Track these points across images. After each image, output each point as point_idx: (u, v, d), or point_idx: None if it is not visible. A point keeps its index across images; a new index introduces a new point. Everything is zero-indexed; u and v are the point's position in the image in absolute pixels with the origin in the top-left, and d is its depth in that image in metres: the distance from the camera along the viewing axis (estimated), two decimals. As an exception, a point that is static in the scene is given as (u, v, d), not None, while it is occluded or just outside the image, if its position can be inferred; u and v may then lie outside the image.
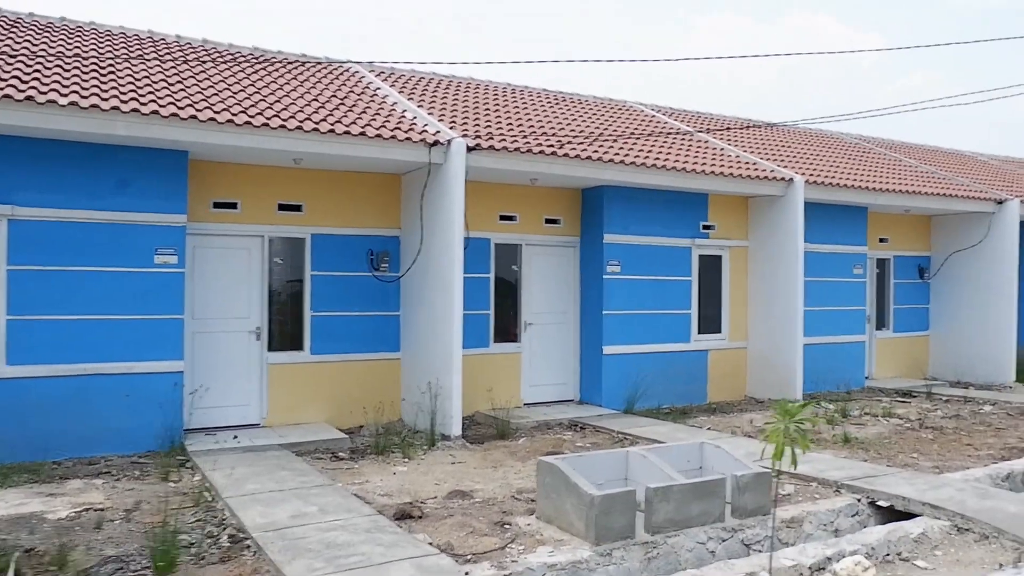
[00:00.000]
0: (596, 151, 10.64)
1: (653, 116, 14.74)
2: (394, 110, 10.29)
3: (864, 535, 5.70)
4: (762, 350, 12.63)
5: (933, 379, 15.49)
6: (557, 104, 13.71)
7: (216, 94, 8.92)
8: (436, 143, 9.15)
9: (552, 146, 10.15)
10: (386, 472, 7.87)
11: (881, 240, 15.25)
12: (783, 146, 15.10)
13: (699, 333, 12.41)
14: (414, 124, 9.75)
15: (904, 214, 15.14)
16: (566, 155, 10.05)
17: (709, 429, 10.11)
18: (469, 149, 9.32)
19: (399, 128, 9.28)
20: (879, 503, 6.59)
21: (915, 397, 13.26)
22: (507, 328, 11.45)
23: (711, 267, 12.63)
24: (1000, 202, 14.81)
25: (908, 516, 6.31)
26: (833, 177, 13.06)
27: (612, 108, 14.60)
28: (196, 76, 9.55)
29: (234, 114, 8.26)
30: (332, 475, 7.52)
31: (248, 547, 5.38)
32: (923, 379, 15.40)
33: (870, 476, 7.17)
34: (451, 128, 9.90)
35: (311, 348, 9.96)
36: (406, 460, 8.42)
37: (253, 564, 5.05)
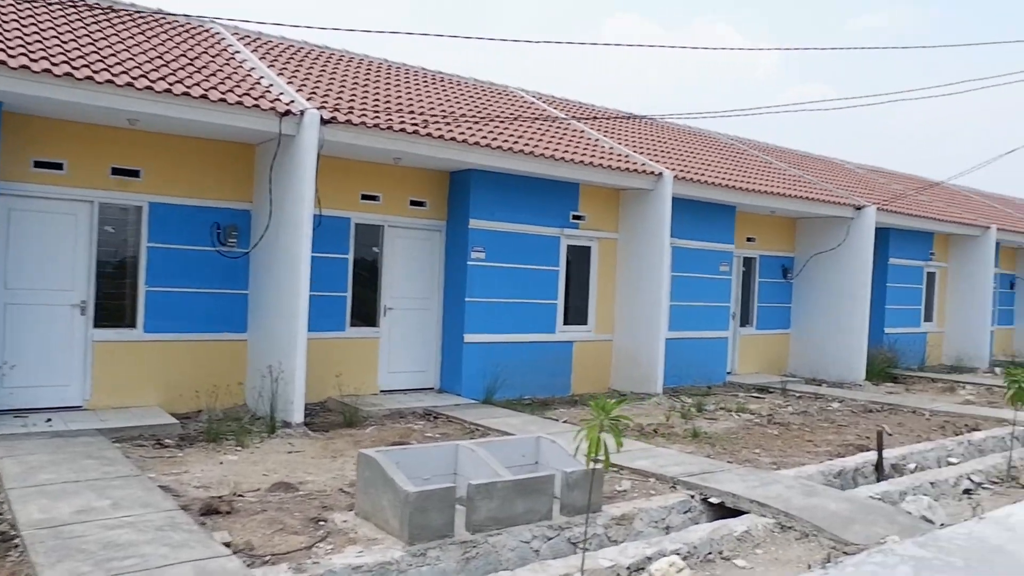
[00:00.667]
0: (462, 133, 10.30)
1: (532, 103, 14.54)
2: (250, 76, 9.65)
3: (688, 533, 5.61)
4: (626, 343, 12.65)
5: (792, 376, 16.02)
6: (432, 83, 13.29)
7: (40, 40, 8.06)
8: (288, 113, 8.59)
9: (415, 125, 9.75)
10: (212, 462, 7.33)
11: (749, 239, 15.59)
12: (658, 141, 15.21)
13: (565, 324, 12.32)
14: (268, 92, 9.15)
15: (770, 215, 15.52)
16: (429, 135, 9.67)
17: (564, 422, 9.99)
18: (324, 122, 8.81)
19: (248, 95, 8.66)
20: (711, 500, 6.57)
21: (770, 393, 13.62)
22: (366, 312, 11.00)
23: (580, 258, 12.55)
24: (858, 208, 15.39)
25: (738, 513, 6.30)
26: (702, 174, 13.19)
27: (490, 91, 14.31)
28: (21, 19, 8.64)
29: (54, 63, 7.47)
30: (146, 465, 6.93)
31: (16, 547, 4.79)
32: (783, 376, 15.91)
33: (708, 472, 7.16)
34: (309, 99, 9.35)
35: (145, 326, 9.22)
36: (239, 448, 7.89)
37: (12, 568, 4.48)
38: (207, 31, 11.31)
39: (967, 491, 7.69)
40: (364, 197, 10.73)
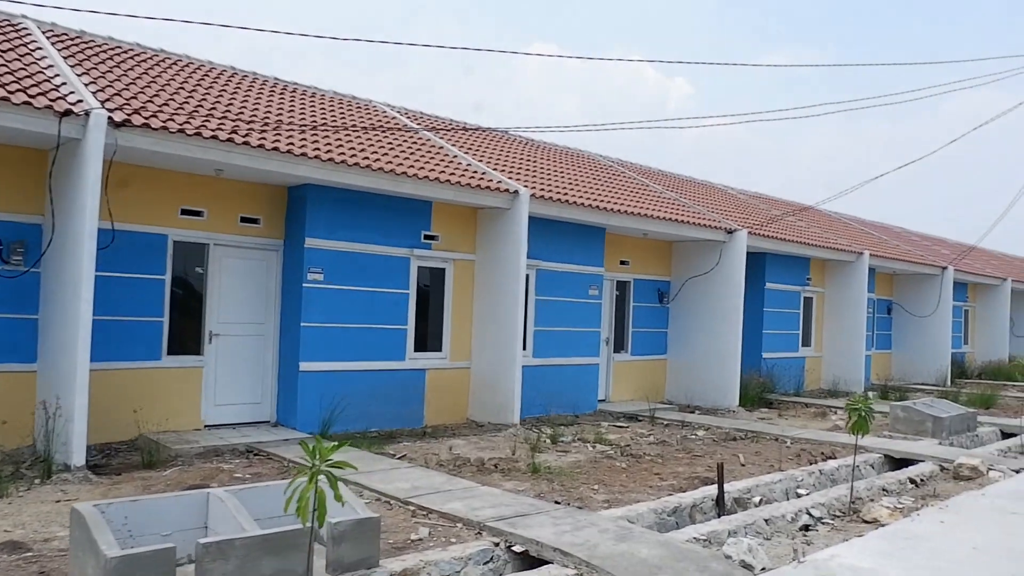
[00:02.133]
0: (290, 143, 9.47)
1: (394, 117, 13.83)
2: (43, 74, 8.61)
3: (467, 593, 4.88)
4: (484, 371, 11.96)
5: (669, 403, 15.64)
6: (276, 93, 12.41)
7: None
8: (68, 113, 7.60)
9: (231, 132, 8.86)
10: (-52, 515, 6.22)
11: (622, 263, 15.20)
12: (525, 159, 14.71)
13: (416, 351, 11.54)
14: (57, 91, 8.13)
15: (643, 238, 15.18)
16: (247, 144, 8.80)
17: (402, 458, 9.18)
18: (117, 124, 7.85)
19: (23, 91, 7.64)
20: (515, 548, 5.86)
21: (639, 421, 13.14)
22: (188, 339, 9.97)
23: (435, 280, 11.83)
24: (730, 231, 15.20)
25: (543, 562, 5.62)
26: (564, 193, 12.70)
27: (343, 103, 13.52)
28: None
29: None
30: None
31: None
32: (660, 402, 15.50)
33: (523, 515, 6.47)
34: (107, 101, 8.38)
35: (-96, 356, 8.01)
36: (-5, 498, 6.79)
37: None
38: (12, 26, 10.20)
39: (806, 527, 7.21)
40: (185, 212, 9.75)
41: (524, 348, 12.54)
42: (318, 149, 9.68)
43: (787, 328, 18.39)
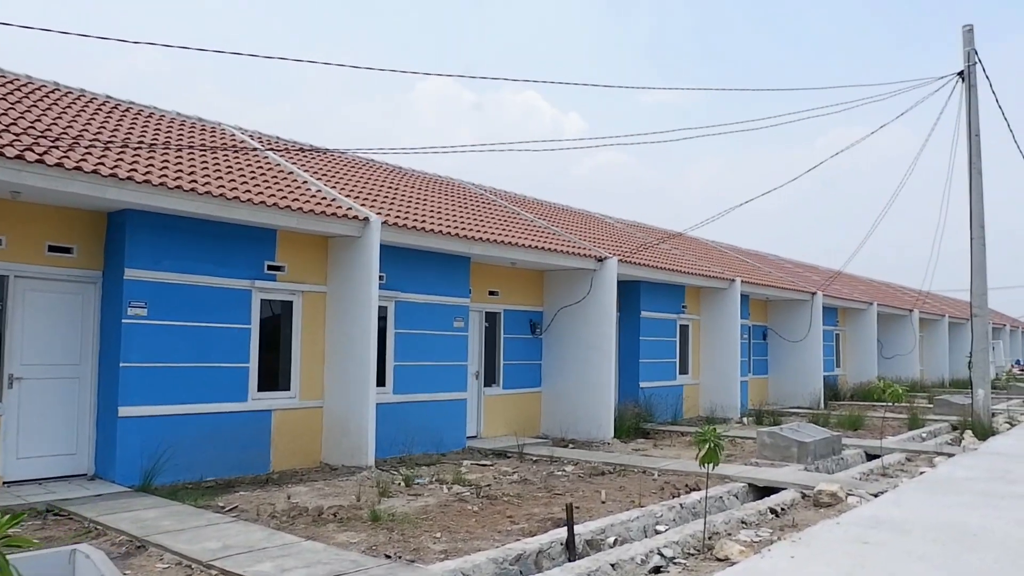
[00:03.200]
0: (103, 163, 8.51)
1: (243, 140, 12.96)
2: None
3: None
4: (338, 410, 11.12)
5: (544, 436, 15.14)
6: (95, 110, 11.33)
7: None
8: None
9: (24, 149, 7.85)
10: None
11: (491, 293, 14.70)
12: (383, 185, 14.08)
13: (261, 390, 10.62)
14: None
15: (512, 267, 14.74)
16: (41, 162, 7.81)
17: (231, 510, 8.25)
18: None
19: None
20: (317, 617, 5.10)
21: (507, 458, 12.55)
22: (-17, 385, 8.77)
23: (282, 314, 10.98)
24: (601, 259, 14.95)
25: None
26: (422, 220, 12.11)
27: (183, 124, 12.56)
28: None
29: None
30: None
31: None
32: (535, 436, 14.99)
33: (336, 575, 5.72)
34: None
35: None
36: None
37: None
38: None
39: (656, 569, 6.74)
40: (-22, 241, 8.63)
41: (383, 384, 11.82)
42: (134, 170, 8.75)
43: (664, 356, 18.29)
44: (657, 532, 8.12)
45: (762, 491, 10.05)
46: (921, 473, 11.25)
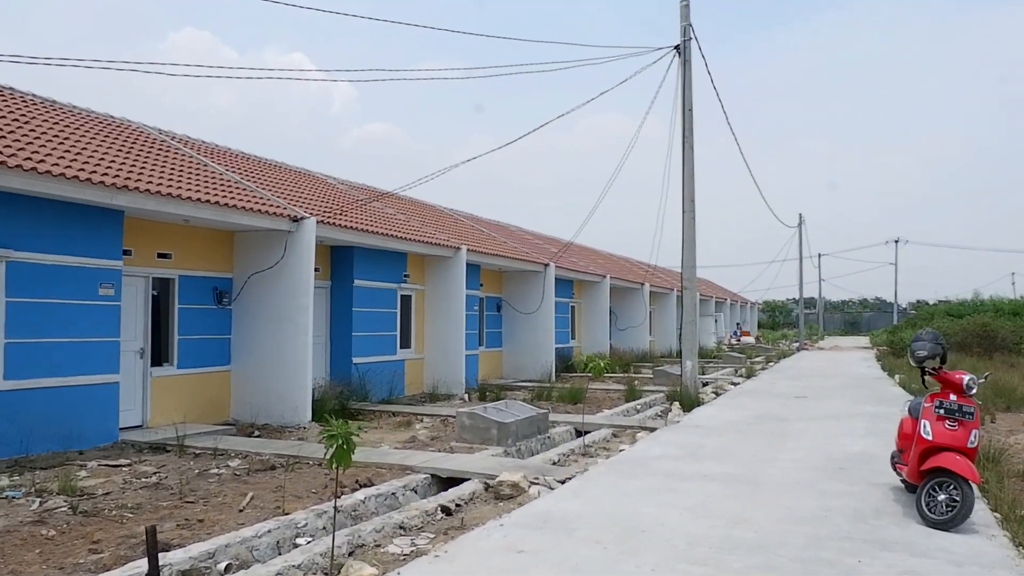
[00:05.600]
0: None
1: None
2: None
3: None
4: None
5: (234, 422, 13.11)
6: None
7: None
8: None
9: None
10: None
11: (162, 256, 12.33)
12: (5, 116, 11.15)
13: None
14: None
15: (187, 225, 12.45)
16: None
17: None
18: None
19: None
20: None
21: (166, 452, 10.42)
22: None
23: None
24: (296, 220, 13.08)
25: None
26: (42, 159, 9.54)
27: None
28: None
29: None
30: None
31: None
32: (223, 422, 12.91)
33: None
34: None
35: None
36: None
37: None
38: None
39: (257, 607, 5.15)
40: None
41: (-13, 368, 9.20)
42: None
43: (383, 329, 16.81)
44: (296, 546, 6.57)
45: (448, 482, 8.84)
46: (621, 451, 10.68)
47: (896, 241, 69.57)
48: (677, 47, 16.64)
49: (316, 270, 15.33)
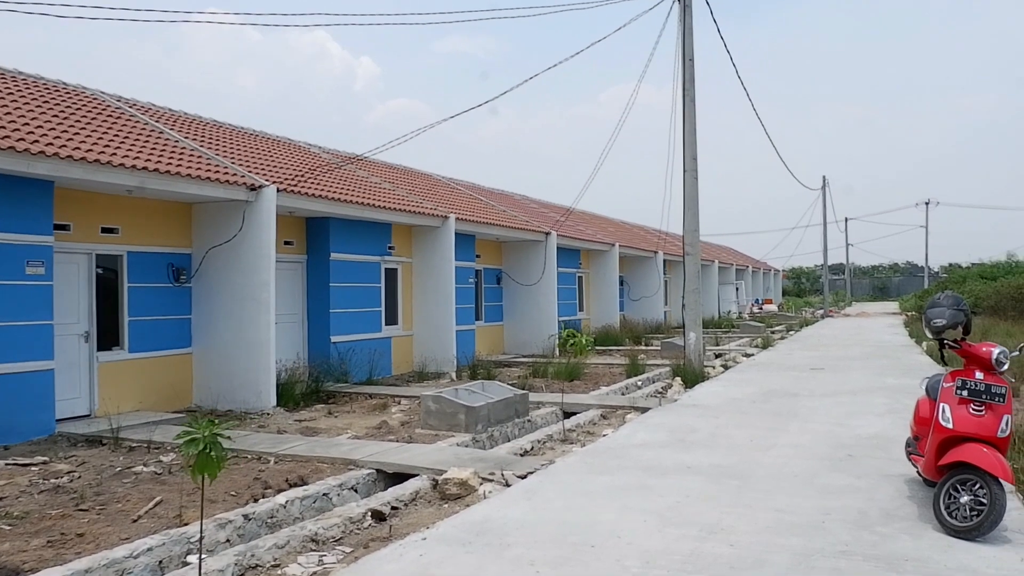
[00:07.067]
0: None
1: None
2: None
3: None
4: None
5: (197, 408, 12.17)
6: None
7: None
8: None
9: None
10: None
11: (107, 230, 11.32)
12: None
13: None
14: None
15: (133, 196, 11.40)
16: None
17: None
18: None
19: None
20: None
21: (102, 446, 9.47)
22: None
23: None
24: (254, 188, 11.98)
25: None
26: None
27: None
28: None
29: None
30: None
31: None
32: (184, 409, 11.99)
33: None
34: None
35: None
36: None
37: None
38: None
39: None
40: None
41: None
42: None
43: (365, 305, 15.76)
44: (186, 564, 5.53)
45: (397, 478, 7.77)
46: (604, 436, 9.55)
47: (927, 203, 67.22)
48: (676, -9, 15.22)
49: (290, 243, 14.37)
